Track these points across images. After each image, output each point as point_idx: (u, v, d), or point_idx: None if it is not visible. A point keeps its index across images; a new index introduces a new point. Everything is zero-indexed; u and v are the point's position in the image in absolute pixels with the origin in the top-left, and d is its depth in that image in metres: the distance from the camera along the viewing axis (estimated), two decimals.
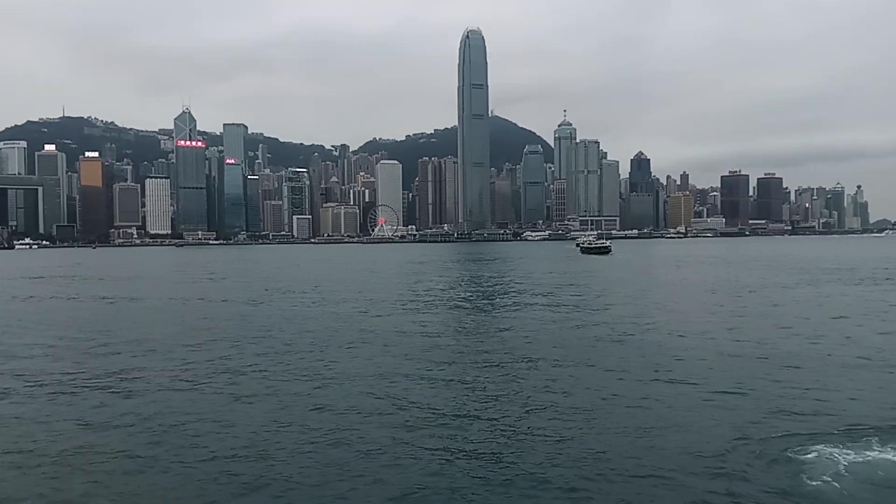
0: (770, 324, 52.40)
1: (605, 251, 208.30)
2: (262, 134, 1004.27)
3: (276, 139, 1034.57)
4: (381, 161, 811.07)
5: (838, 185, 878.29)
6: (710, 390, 30.86)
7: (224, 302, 70.43)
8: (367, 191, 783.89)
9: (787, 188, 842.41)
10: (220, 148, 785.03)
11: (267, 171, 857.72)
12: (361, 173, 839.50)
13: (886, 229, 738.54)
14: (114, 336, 44.80)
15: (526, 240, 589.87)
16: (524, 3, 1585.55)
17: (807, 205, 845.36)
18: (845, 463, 20.63)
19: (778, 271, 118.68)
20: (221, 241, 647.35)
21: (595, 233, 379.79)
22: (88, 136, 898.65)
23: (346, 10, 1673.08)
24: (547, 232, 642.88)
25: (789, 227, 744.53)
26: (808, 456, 21.17)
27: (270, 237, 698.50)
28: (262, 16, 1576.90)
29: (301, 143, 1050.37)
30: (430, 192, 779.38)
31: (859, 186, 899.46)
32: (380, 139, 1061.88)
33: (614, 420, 25.73)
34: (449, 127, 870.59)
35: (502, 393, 29.30)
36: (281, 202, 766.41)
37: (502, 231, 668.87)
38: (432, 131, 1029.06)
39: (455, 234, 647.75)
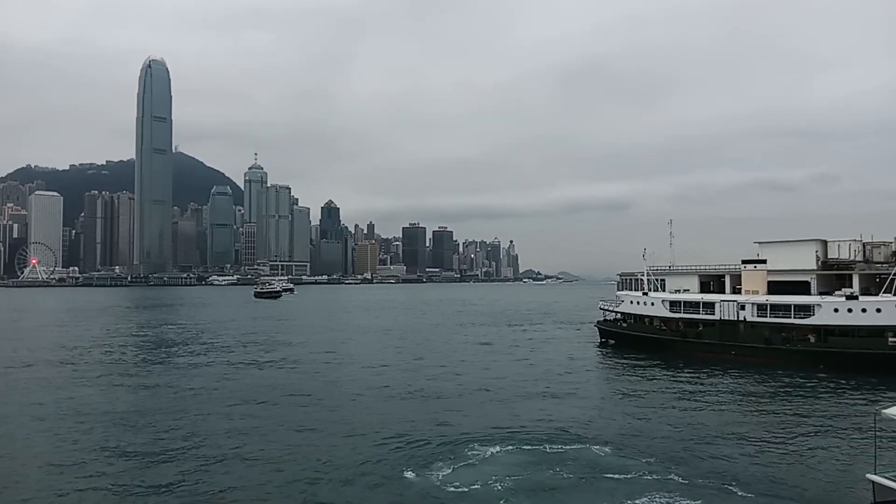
0: (423, 360, 60.35)
1: (275, 296, 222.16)
2: None
3: None
4: (37, 192, 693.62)
5: (496, 240, 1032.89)
6: (345, 424, 34.94)
7: None
8: (16, 225, 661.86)
9: (456, 241, 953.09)
10: None
11: None
12: (10, 204, 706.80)
13: (529, 278, 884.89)
14: None
15: (212, 284, 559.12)
16: (204, 40, 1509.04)
17: (472, 255, 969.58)
18: (447, 472, 25.77)
19: (441, 314, 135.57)
20: None
21: (285, 278, 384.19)
22: None
23: None
24: (236, 276, 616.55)
25: (458, 275, 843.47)
26: (414, 477, 25.71)
27: None
28: None
29: None
30: (99, 230, 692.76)
31: (511, 241, 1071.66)
32: (36, 167, 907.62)
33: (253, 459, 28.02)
34: (125, 160, 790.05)
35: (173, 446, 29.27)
36: None
37: (185, 275, 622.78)
38: (104, 163, 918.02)
39: (129, 278, 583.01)
